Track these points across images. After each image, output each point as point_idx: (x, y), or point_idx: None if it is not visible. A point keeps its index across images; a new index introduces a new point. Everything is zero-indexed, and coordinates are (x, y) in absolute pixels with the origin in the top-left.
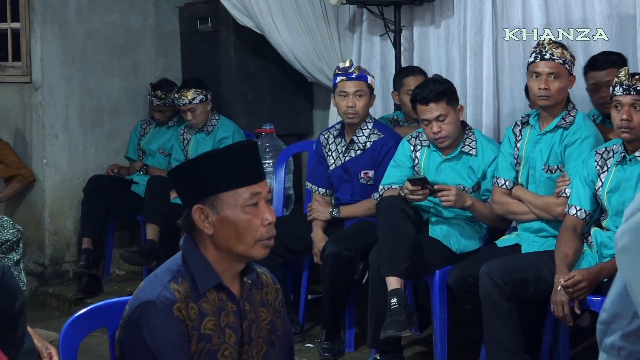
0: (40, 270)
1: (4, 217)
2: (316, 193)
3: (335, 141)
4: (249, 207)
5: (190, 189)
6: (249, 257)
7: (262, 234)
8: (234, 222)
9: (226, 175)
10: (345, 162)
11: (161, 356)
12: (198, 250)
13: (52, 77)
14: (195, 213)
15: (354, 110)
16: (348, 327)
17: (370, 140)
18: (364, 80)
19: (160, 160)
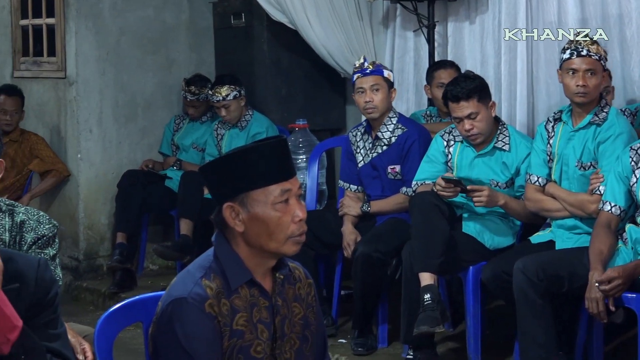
0: (74, 265)
1: (40, 212)
2: (348, 190)
3: (362, 138)
4: (280, 204)
5: (220, 186)
6: (280, 253)
7: (293, 230)
8: (265, 219)
9: (256, 173)
10: (373, 158)
11: (193, 352)
12: (230, 246)
13: (86, 73)
14: (226, 211)
15: (372, 105)
16: (381, 322)
17: (394, 135)
18: (379, 74)
19: (193, 156)
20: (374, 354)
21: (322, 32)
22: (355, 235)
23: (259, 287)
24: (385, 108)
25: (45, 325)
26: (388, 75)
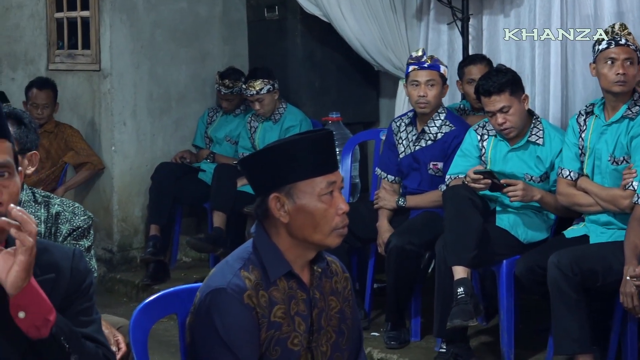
0: (108, 257)
1: (75, 204)
2: (384, 180)
3: (406, 129)
4: (325, 196)
5: (266, 177)
6: (324, 245)
7: (337, 223)
8: (311, 211)
9: (303, 164)
10: (415, 151)
11: (231, 343)
12: (269, 238)
13: (120, 65)
14: (272, 201)
15: (425, 100)
16: (414, 316)
17: (441, 131)
18: (436, 69)
19: (227, 148)
20: (406, 348)
21: (355, 25)
22: (389, 232)
23: (297, 280)
24: (437, 104)
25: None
26: (444, 71)
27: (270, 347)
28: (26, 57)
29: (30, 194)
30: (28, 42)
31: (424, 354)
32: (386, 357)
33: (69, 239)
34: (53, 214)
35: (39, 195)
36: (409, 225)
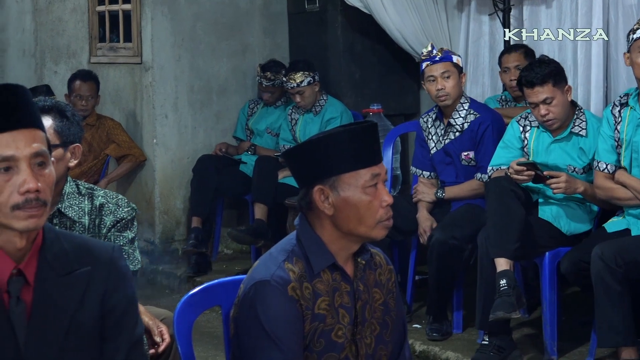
0: (150, 249)
1: (119, 196)
2: (421, 177)
3: (434, 124)
4: (369, 188)
5: (310, 169)
6: (369, 238)
7: (382, 215)
8: (355, 203)
9: (348, 156)
10: (446, 145)
11: (275, 335)
12: (312, 230)
13: (162, 58)
14: (316, 193)
15: (444, 92)
16: (456, 308)
17: (467, 121)
18: (449, 60)
19: (268, 140)
20: (448, 340)
21: (396, 16)
22: (430, 221)
23: (341, 272)
24: (458, 94)
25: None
26: (457, 60)
27: (314, 339)
28: (68, 50)
29: (74, 186)
30: (70, 35)
31: (466, 346)
32: (428, 349)
33: (113, 230)
34: (97, 205)
35: (82, 187)
36: (451, 218)
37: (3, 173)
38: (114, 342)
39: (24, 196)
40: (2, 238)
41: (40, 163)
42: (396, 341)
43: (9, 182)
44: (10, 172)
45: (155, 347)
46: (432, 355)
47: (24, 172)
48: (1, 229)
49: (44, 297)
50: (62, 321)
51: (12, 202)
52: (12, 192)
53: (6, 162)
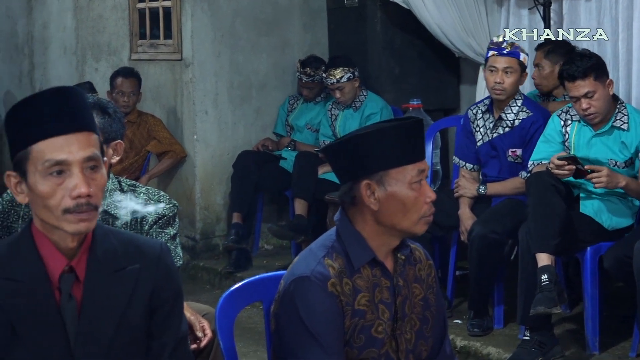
0: (191, 245)
1: (160, 192)
2: (463, 169)
3: (483, 117)
4: (415, 184)
5: (357, 164)
6: (411, 233)
7: (425, 211)
8: (402, 198)
9: (396, 152)
10: (493, 138)
11: (315, 331)
12: (353, 225)
13: (202, 54)
14: (363, 188)
15: (501, 87)
16: (497, 303)
17: (519, 117)
18: (515, 57)
19: (307, 136)
20: (489, 335)
21: (435, 11)
22: (472, 220)
23: (381, 267)
24: (514, 92)
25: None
26: (524, 59)
27: (354, 334)
28: (109, 47)
29: (116, 182)
30: (111, 32)
31: (507, 341)
32: (469, 345)
33: (155, 227)
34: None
35: (124, 184)
36: (491, 213)
37: (56, 176)
38: (160, 339)
39: (75, 200)
40: (55, 237)
41: (93, 167)
42: (436, 336)
43: (61, 185)
44: (63, 175)
45: (197, 342)
46: (473, 351)
47: (76, 176)
48: (54, 229)
49: (94, 293)
50: (111, 318)
51: (64, 205)
52: (64, 195)
53: (59, 165)
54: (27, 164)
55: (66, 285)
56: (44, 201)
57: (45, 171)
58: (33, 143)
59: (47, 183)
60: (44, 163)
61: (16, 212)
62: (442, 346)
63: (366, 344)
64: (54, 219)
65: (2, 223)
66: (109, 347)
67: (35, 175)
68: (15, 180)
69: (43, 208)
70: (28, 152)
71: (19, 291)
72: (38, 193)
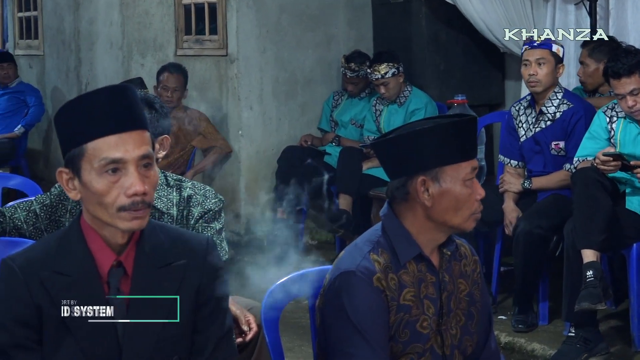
0: (236, 239)
1: (206, 187)
2: (508, 165)
3: (525, 112)
4: (468, 181)
5: (413, 159)
6: (460, 229)
7: (476, 207)
8: (456, 195)
9: (453, 149)
10: (536, 133)
11: (361, 325)
12: (399, 221)
13: (247, 50)
14: (419, 184)
15: (535, 79)
16: (542, 299)
17: (559, 110)
18: (547, 48)
19: (352, 132)
20: (534, 331)
21: (480, 6)
22: (516, 213)
23: (427, 263)
24: (550, 83)
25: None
26: (557, 50)
27: (399, 329)
28: (155, 43)
29: (162, 177)
30: (157, 28)
31: (552, 338)
32: (514, 341)
33: (201, 221)
34: (185, 197)
35: (171, 179)
36: (537, 208)
37: (111, 174)
38: (205, 333)
39: (131, 199)
40: (105, 232)
41: (146, 164)
42: (482, 332)
43: (117, 183)
44: (118, 173)
45: (243, 336)
46: (517, 347)
47: (131, 174)
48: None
49: (142, 288)
50: (158, 312)
51: (119, 203)
52: (119, 193)
53: (114, 164)
54: (82, 161)
55: (115, 279)
56: (99, 198)
57: (101, 169)
58: (88, 141)
59: (102, 181)
60: (100, 161)
61: (64, 206)
62: (487, 342)
63: (411, 339)
64: (107, 216)
65: (50, 217)
66: (155, 341)
67: (91, 173)
68: (67, 177)
69: (97, 205)
70: (83, 150)
71: (69, 285)
72: (93, 190)
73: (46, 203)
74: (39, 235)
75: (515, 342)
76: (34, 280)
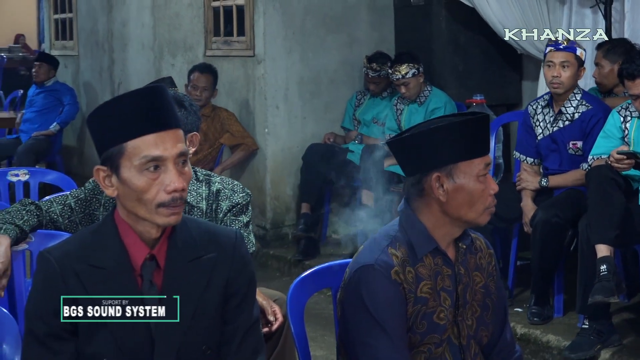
0: (262, 234)
1: (234, 182)
2: (524, 163)
3: (543, 111)
4: (481, 176)
5: (427, 157)
6: (475, 223)
7: (490, 202)
8: (470, 190)
9: (466, 146)
10: (554, 132)
11: (380, 317)
12: (416, 216)
13: (273, 51)
14: (434, 180)
15: (558, 81)
16: (557, 293)
17: (578, 111)
18: (572, 51)
19: (374, 130)
20: (549, 323)
21: (498, 9)
22: (535, 210)
23: (443, 256)
24: (571, 85)
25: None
26: (580, 53)
27: (417, 321)
28: (185, 44)
29: (192, 172)
30: (187, 30)
31: (566, 330)
32: (529, 332)
33: (229, 214)
34: (214, 191)
35: (200, 174)
36: (554, 201)
37: (151, 172)
38: (234, 323)
39: (170, 195)
40: (140, 227)
41: (183, 162)
42: (497, 323)
43: (156, 180)
44: (158, 171)
45: (269, 326)
46: (532, 338)
47: (170, 171)
48: (140, 220)
49: (174, 280)
50: (189, 304)
51: (159, 200)
52: (159, 190)
53: (154, 162)
54: (121, 159)
55: (148, 272)
56: (139, 195)
57: (141, 167)
58: (128, 140)
59: (143, 178)
60: (141, 159)
61: (98, 200)
62: (502, 333)
63: (428, 329)
64: (146, 212)
65: (84, 210)
66: (186, 331)
67: (131, 170)
68: (104, 174)
69: (136, 201)
70: (122, 149)
71: (104, 278)
72: (134, 187)
73: (81, 197)
74: (74, 228)
75: (530, 333)
76: (70, 273)
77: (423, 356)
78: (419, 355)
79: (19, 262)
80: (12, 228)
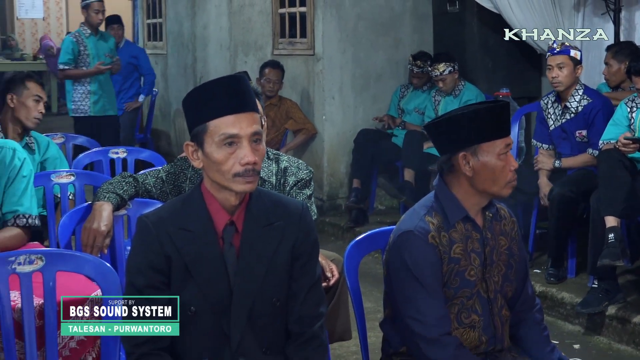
0: (319, 204)
1: (299, 160)
2: (541, 149)
3: (553, 105)
4: (502, 155)
5: (456, 138)
6: (498, 195)
7: (511, 177)
8: (492, 167)
9: (488, 129)
10: (563, 123)
11: (419, 276)
12: (449, 189)
13: (330, 51)
14: (460, 159)
15: (557, 80)
16: (570, 257)
17: (581, 104)
18: (565, 53)
19: (415, 118)
20: (564, 283)
21: (521, 15)
22: (550, 187)
23: (472, 223)
24: (570, 82)
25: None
26: (574, 54)
27: (450, 278)
28: (256, 44)
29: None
30: (257, 32)
31: (578, 288)
32: (546, 290)
33: (295, 188)
34: (282, 168)
35: (270, 153)
36: (568, 178)
37: (228, 147)
38: (299, 280)
39: (244, 167)
40: (221, 196)
41: (256, 140)
42: (519, 280)
43: (233, 154)
44: (234, 146)
45: (327, 282)
46: (549, 295)
47: (244, 147)
48: (221, 189)
49: (249, 243)
50: (262, 263)
51: (234, 171)
52: (234, 162)
53: (232, 138)
54: (205, 136)
55: (228, 235)
56: (218, 166)
57: (220, 142)
58: (210, 119)
59: (221, 152)
60: (220, 136)
61: (185, 174)
62: (524, 288)
63: (460, 285)
64: (224, 180)
65: (174, 182)
66: (260, 285)
67: (212, 146)
68: (192, 149)
69: (216, 172)
70: (206, 127)
71: (192, 239)
72: (214, 160)
73: (171, 171)
74: (165, 197)
75: (547, 291)
76: (164, 234)
77: (457, 307)
78: (453, 307)
79: (119, 225)
80: (114, 197)
